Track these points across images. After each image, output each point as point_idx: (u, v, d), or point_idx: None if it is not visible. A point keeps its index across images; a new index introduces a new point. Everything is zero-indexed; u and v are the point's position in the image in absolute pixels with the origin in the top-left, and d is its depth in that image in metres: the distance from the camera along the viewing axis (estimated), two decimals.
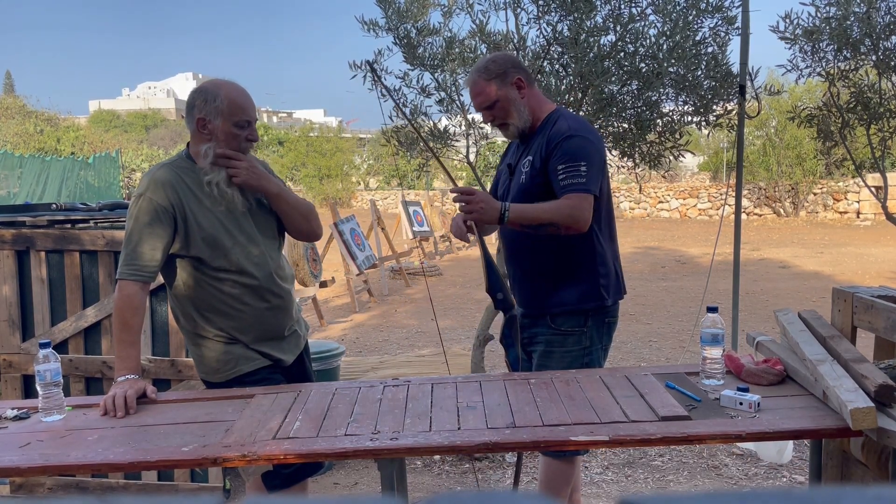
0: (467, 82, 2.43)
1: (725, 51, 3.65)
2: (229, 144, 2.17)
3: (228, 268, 2.18)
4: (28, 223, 3.21)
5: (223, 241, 2.18)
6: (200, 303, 2.22)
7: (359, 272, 8.22)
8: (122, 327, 2.12)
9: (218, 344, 2.23)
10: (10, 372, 3.21)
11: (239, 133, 2.18)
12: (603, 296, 2.38)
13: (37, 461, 1.73)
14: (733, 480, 3.35)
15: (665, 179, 20.76)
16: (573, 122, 2.34)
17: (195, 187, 2.18)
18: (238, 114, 2.17)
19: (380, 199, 22.58)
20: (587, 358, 2.38)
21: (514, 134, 2.42)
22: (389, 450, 1.72)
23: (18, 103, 30.24)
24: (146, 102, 73.74)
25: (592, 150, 2.28)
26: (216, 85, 2.19)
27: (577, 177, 2.22)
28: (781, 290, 8.29)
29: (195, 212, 2.16)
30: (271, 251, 2.29)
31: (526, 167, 2.36)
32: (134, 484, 3.14)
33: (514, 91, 2.35)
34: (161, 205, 2.12)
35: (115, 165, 18.42)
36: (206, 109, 2.15)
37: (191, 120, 2.20)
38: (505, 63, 2.37)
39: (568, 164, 2.23)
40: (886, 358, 2.03)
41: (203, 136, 2.18)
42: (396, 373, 4.35)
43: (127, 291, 2.11)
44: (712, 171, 21.99)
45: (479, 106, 2.40)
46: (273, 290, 2.26)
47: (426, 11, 3.61)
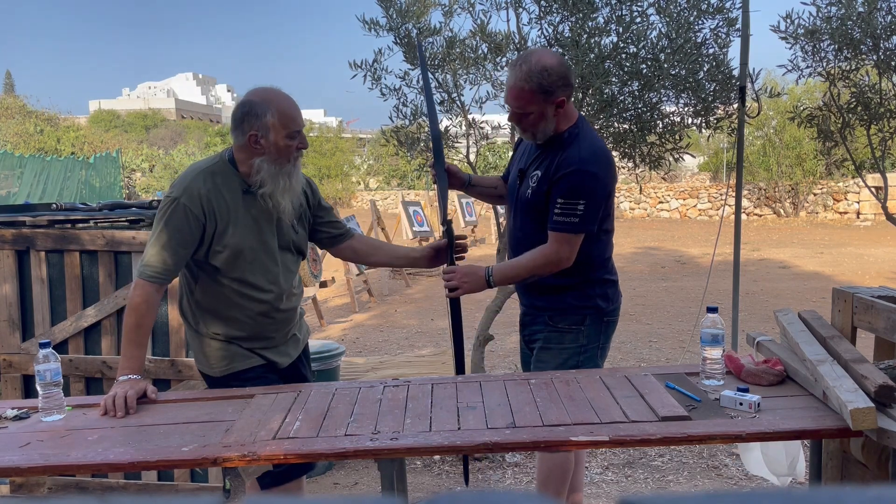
0: (511, 77, 2.30)
1: (727, 52, 3.65)
2: (281, 156, 2.13)
3: (242, 280, 2.18)
4: (28, 223, 3.21)
5: (245, 254, 2.16)
6: (204, 304, 2.23)
7: (359, 272, 8.22)
8: (134, 327, 2.09)
9: (214, 342, 2.25)
10: (10, 372, 3.21)
11: (291, 144, 2.14)
12: (602, 297, 2.40)
13: (37, 461, 1.73)
14: (733, 480, 3.35)
15: (665, 180, 20.75)
16: (585, 150, 2.27)
17: (231, 197, 2.15)
18: (290, 125, 2.13)
19: (380, 199, 22.58)
20: (583, 356, 2.40)
21: (528, 138, 2.40)
22: (389, 450, 1.72)
23: (18, 103, 30.25)
24: (146, 102, 73.64)
25: (596, 185, 2.25)
26: (265, 98, 2.12)
27: (572, 216, 2.22)
28: (781, 290, 8.28)
29: (227, 223, 2.14)
30: (289, 270, 2.29)
31: (534, 181, 2.36)
32: (134, 484, 3.14)
33: (552, 109, 2.27)
34: (194, 213, 2.09)
35: (116, 165, 18.43)
36: (257, 125, 2.10)
37: (240, 135, 2.13)
38: (557, 80, 2.24)
39: (567, 201, 2.23)
40: (886, 358, 2.03)
41: (255, 150, 2.13)
42: (396, 373, 4.35)
43: (145, 291, 2.09)
44: (712, 171, 21.99)
45: (510, 106, 2.32)
46: (280, 307, 2.27)
47: (427, 11, 3.61)
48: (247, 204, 2.17)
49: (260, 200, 2.17)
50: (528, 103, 2.26)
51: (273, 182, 2.14)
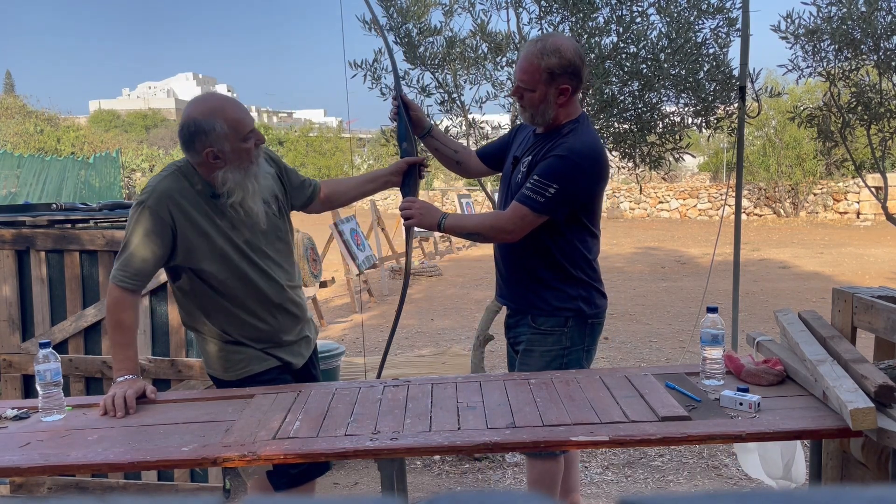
0: (524, 51, 2.32)
1: (727, 52, 3.65)
2: (243, 160, 2.10)
3: (237, 282, 2.16)
4: (28, 223, 3.21)
5: (231, 256, 2.14)
6: (208, 312, 2.20)
7: (359, 272, 8.22)
8: (115, 327, 2.11)
9: (226, 344, 2.22)
10: (10, 372, 3.21)
11: (248, 145, 2.12)
12: (584, 300, 2.38)
13: (37, 461, 1.73)
14: (733, 480, 3.35)
15: (665, 180, 20.75)
16: (578, 142, 2.26)
17: (203, 199, 2.12)
18: (242, 128, 2.09)
19: (380, 200, 22.57)
20: (566, 358, 2.38)
21: (527, 119, 2.41)
22: (389, 450, 1.72)
23: (18, 103, 30.23)
24: (146, 102, 73.64)
25: (576, 176, 2.23)
26: (208, 110, 2.07)
27: (539, 195, 2.20)
28: (781, 290, 8.28)
29: (199, 226, 2.11)
30: (282, 263, 2.26)
31: (524, 167, 2.36)
32: (134, 484, 3.14)
33: (555, 93, 2.27)
34: (162, 218, 2.07)
35: (116, 165, 18.42)
36: (210, 140, 2.05)
37: (195, 154, 2.09)
38: (567, 66, 2.24)
39: (540, 179, 2.21)
40: (886, 358, 2.03)
41: (215, 164, 2.10)
42: (396, 373, 4.35)
43: (115, 296, 2.10)
44: (712, 171, 21.99)
45: (517, 79, 2.33)
46: (283, 304, 2.24)
47: (427, 10, 3.61)
48: (218, 207, 2.13)
49: (230, 209, 2.13)
50: (532, 80, 2.27)
51: (241, 188, 2.11)
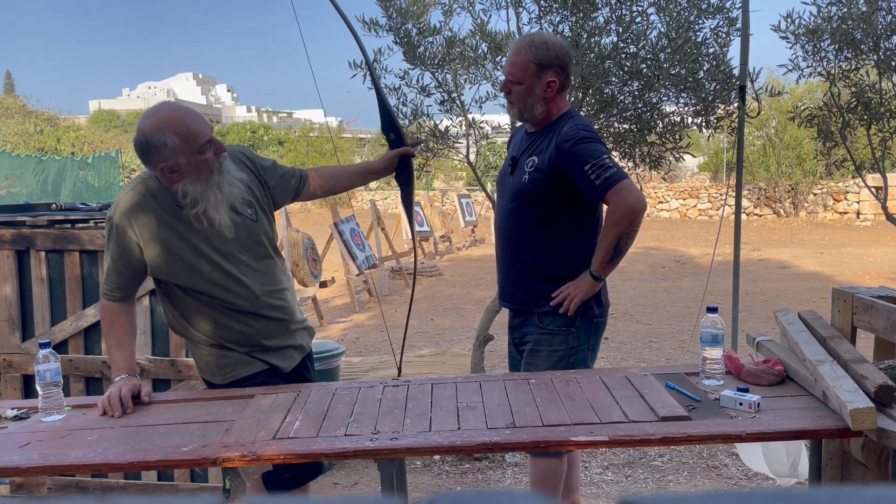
0: (516, 44, 2.39)
1: (727, 52, 3.65)
2: (202, 171, 2.03)
3: (210, 292, 2.12)
4: (28, 223, 3.21)
5: (199, 266, 2.09)
6: (189, 317, 2.19)
7: (359, 272, 8.22)
8: (107, 333, 2.20)
9: (213, 349, 2.20)
10: (10, 372, 3.21)
11: (205, 157, 2.02)
12: (593, 298, 2.39)
13: (37, 461, 1.73)
14: (733, 480, 3.35)
15: (665, 180, 20.75)
16: (581, 124, 2.34)
17: (167, 211, 2.08)
18: (195, 141, 2.00)
19: (380, 200, 22.59)
20: (573, 358, 2.39)
21: (515, 115, 2.44)
22: (389, 450, 1.72)
23: (18, 103, 30.23)
24: (146, 102, 73.50)
25: (601, 145, 2.33)
26: (158, 124, 1.99)
27: (606, 170, 2.23)
28: (781, 290, 8.28)
29: (164, 238, 2.07)
30: (259, 268, 2.18)
31: (530, 166, 2.36)
32: (134, 484, 3.14)
33: (542, 87, 2.33)
34: (126, 232, 2.06)
35: (115, 165, 18.40)
36: (163, 156, 1.98)
37: (152, 168, 2.04)
38: (554, 59, 2.32)
39: (593, 162, 2.24)
40: (886, 358, 2.03)
41: (173, 178, 2.02)
42: (396, 373, 4.34)
43: (105, 305, 2.20)
44: (712, 171, 22.00)
45: (505, 72, 2.39)
46: (258, 311, 2.18)
47: (427, 10, 3.61)
48: (184, 217, 2.09)
49: (194, 220, 2.08)
50: (520, 71, 2.33)
51: (204, 199, 2.04)
